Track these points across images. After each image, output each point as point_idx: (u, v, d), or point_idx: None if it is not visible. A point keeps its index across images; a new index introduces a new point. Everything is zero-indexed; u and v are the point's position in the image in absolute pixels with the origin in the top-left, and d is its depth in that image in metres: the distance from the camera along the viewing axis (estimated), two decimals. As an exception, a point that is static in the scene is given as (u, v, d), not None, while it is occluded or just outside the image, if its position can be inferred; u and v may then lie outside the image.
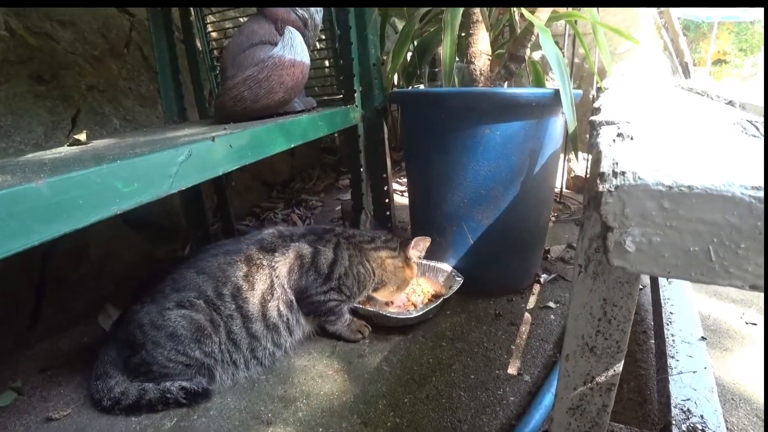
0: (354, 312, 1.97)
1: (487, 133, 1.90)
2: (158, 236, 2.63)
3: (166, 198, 2.69)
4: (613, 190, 0.64)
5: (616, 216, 0.65)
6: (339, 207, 3.39)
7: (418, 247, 1.97)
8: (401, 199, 3.56)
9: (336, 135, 4.68)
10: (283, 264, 1.77)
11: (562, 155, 3.33)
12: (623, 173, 0.65)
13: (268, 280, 1.72)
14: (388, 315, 1.88)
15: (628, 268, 0.67)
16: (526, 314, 2.03)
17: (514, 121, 1.88)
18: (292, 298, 1.77)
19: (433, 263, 2.22)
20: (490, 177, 1.95)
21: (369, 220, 2.11)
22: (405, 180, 4.11)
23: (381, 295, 2.01)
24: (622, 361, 0.96)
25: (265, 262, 1.74)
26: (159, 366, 1.54)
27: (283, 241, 1.83)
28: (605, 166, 0.68)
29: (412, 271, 2.02)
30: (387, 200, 2.58)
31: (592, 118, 1.11)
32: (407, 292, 2.16)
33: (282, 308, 1.74)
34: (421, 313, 1.88)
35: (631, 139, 0.87)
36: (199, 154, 1.09)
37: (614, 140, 0.86)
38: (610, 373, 0.96)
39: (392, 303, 2.09)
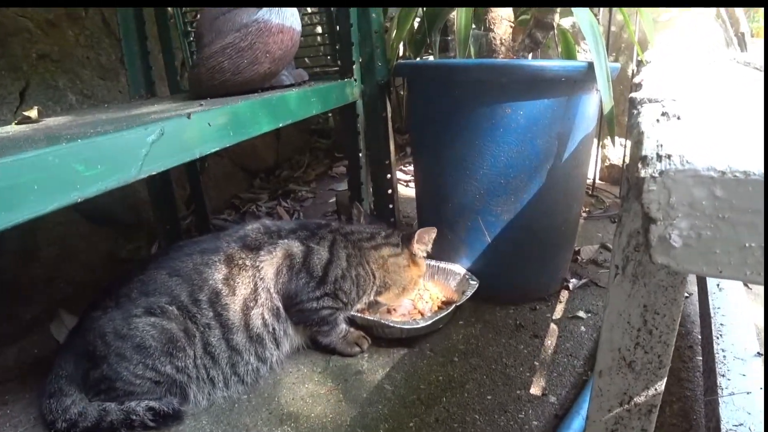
0: (351, 321, 1.98)
1: (508, 112, 1.91)
2: (121, 232, 2.64)
3: (131, 187, 2.70)
4: (657, 175, 0.65)
5: (660, 206, 0.65)
6: (333, 199, 3.41)
7: (423, 240, 1.98)
8: (406, 191, 3.58)
9: (330, 114, 4.69)
10: (270, 264, 1.78)
11: (595, 140, 3.34)
12: (669, 156, 0.65)
13: (252, 284, 1.74)
14: (391, 324, 1.90)
15: (673, 266, 0.67)
16: (552, 325, 2.05)
17: (540, 99, 1.89)
18: (279, 304, 1.78)
19: (443, 265, 2.24)
20: (512, 164, 1.96)
21: (363, 213, 2.12)
22: (411, 168, 4.16)
23: (385, 299, 2.03)
24: (665, 379, 0.97)
25: (248, 263, 1.75)
26: (123, 382, 1.55)
27: (270, 238, 1.84)
28: (648, 149, 0.68)
29: (420, 268, 2.04)
30: (390, 191, 2.59)
31: (633, 95, 1.12)
32: (413, 298, 2.18)
33: (267, 317, 1.75)
34: (429, 322, 1.90)
35: (678, 118, 0.88)
36: (173, 134, 1.10)
37: (658, 120, 0.87)
38: (651, 392, 0.97)
39: (395, 311, 2.10)
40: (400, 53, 3.27)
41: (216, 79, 1.73)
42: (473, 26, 2.20)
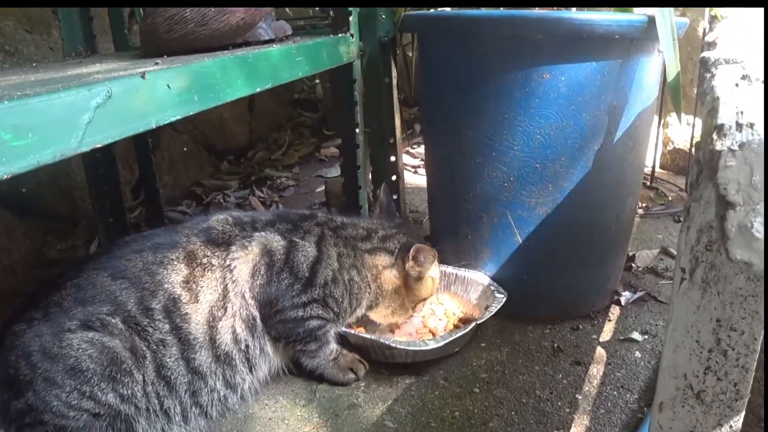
0: (343, 339, 1.99)
1: (545, 78, 1.91)
2: (50, 226, 2.64)
3: (63, 169, 2.71)
4: (736, 148, 0.66)
5: (740, 187, 0.66)
6: (322, 188, 3.42)
7: (419, 260, 1.99)
8: (415, 178, 3.59)
9: (317, 80, 4.70)
10: (244, 262, 1.80)
11: (655, 118, 3.35)
12: (751, 126, 0.66)
13: (220, 288, 1.75)
14: (394, 346, 1.91)
15: (756, 264, 0.68)
16: (599, 350, 2.05)
17: (586, 61, 1.90)
18: (256, 313, 1.80)
19: (462, 272, 2.24)
20: (550, 144, 1.97)
21: (386, 200, 2.15)
22: (421, 150, 4.15)
23: (376, 316, 2.04)
24: (742, 414, 0.98)
25: (215, 261, 1.77)
26: (53, 415, 1.55)
27: (242, 231, 1.86)
28: (725, 117, 0.69)
29: (418, 291, 2.04)
30: (394, 178, 2.60)
31: (705, 54, 1.13)
32: (423, 315, 2.19)
33: (240, 330, 1.77)
34: (442, 344, 1.91)
35: (761, 81, 0.89)
36: (123, 97, 1.10)
37: (737, 84, 0.88)
38: (724, 430, 0.98)
39: (399, 328, 2.12)
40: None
41: (176, 31, 1.74)
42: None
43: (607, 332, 2.15)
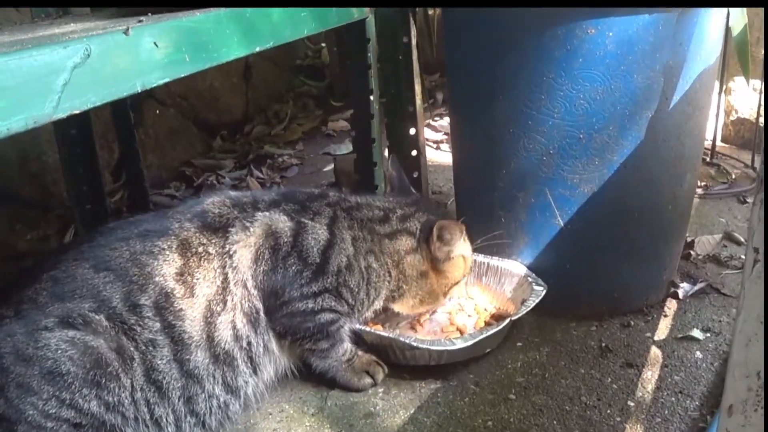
0: (358, 339, 1.99)
1: (590, 34, 1.90)
2: (19, 214, 2.65)
3: (33, 148, 2.72)
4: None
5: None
6: (330, 166, 3.42)
7: (444, 238, 1.99)
8: (438, 155, 3.58)
9: (323, 44, 4.69)
10: (245, 246, 1.80)
11: (717, 82, 3.33)
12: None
13: (219, 279, 1.75)
14: (417, 345, 1.91)
15: None
16: (654, 350, 2.05)
17: (637, 13, 1.88)
18: (260, 305, 1.80)
19: (495, 261, 2.24)
20: (595, 110, 1.96)
21: (397, 173, 2.15)
22: (445, 122, 4.11)
23: (399, 307, 2.04)
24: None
25: (212, 250, 1.77)
26: (29, 426, 1.56)
27: (243, 212, 1.86)
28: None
29: (448, 275, 2.04)
30: (415, 153, 2.60)
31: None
32: (450, 311, 2.19)
33: (241, 324, 1.77)
34: (471, 343, 1.91)
35: None
36: (104, 56, 1.10)
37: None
38: (805, 435, 0.98)
39: (422, 326, 2.12)
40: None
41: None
42: None
43: (662, 330, 2.14)
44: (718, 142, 3.52)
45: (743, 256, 2.40)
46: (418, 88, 2.52)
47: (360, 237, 1.93)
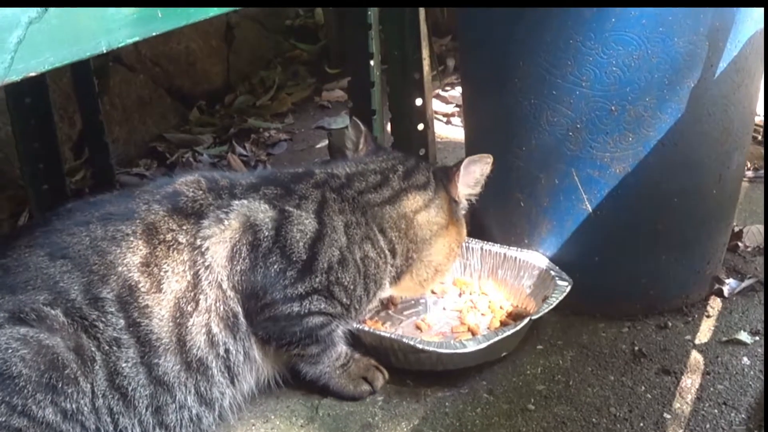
0: (354, 339, 1.99)
1: (624, -10, 1.90)
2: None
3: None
4: None
5: None
6: (324, 142, 3.41)
7: (471, 176, 2.01)
8: (448, 130, 3.57)
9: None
10: (220, 242, 1.79)
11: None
12: None
13: (189, 274, 1.75)
14: (421, 347, 1.90)
15: None
16: (695, 354, 2.05)
17: (679, -34, 1.88)
18: (238, 308, 1.80)
19: (512, 252, 2.24)
20: (630, 79, 1.95)
21: (364, 135, 2.13)
22: (456, 92, 4.06)
23: (402, 289, 2.06)
24: None
25: (182, 238, 1.76)
26: (-26, 436, 1.57)
27: (218, 198, 1.85)
28: None
29: (461, 229, 2.07)
30: (422, 127, 2.60)
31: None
32: (461, 308, 2.20)
33: (217, 329, 1.77)
34: (484, 345, 1.90)
35: None
36: (64, 11, 1.08)
37: None
38: None
39: (429, 326, 2.12)
40: None
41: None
42: None
43: (704, 332, 2.14)
44: (772, 118, 3.50)
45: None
46: (425, 53, 2.52)
47: (353, 222, 1.92)
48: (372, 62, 2.39)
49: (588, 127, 2.01)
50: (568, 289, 2.07)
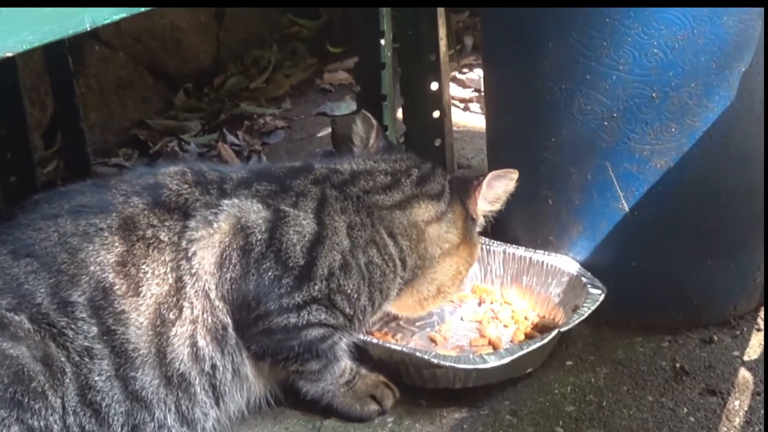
0: (360, 352, 2.00)
1: (668, -38, 1.90)
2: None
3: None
4: None
5: None
6: (327, 130, 3.39)
7: (493, 191, 2.00)
8: (466, 117, 3.58)
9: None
10: (208, 246, 1.79)
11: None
12: None
13: (171, 277, 1.75)
14: (436, 362, 1.90)
15: None
16: (743, 373, 2.05)
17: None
18: (227, 319, 1.80)
19: (539, 256, 2.24)
20: (673, 63, 1.95)
21: (375, 130, 2.13)
22: (475, 74, 4.03)
23: (400, 307, 2.06)
24: None
25: (164, 235, 1.77)
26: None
27: (205, 193, 1.85)
28: None
29: (474, 249, 2.07)
30: (437, 114, 2.61)
31: None
32: (480, 319, 2.20)
33: (203, 342, 1.77)
34: (507, 360, 1.91)
35: None
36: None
37: None
38: None
39: (445, 338, 2.13)
40: None
41: None
42: None
43: (754, 347, 2.14)
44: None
45: None
46: (442, 31, 2.52)
47: (357, 223, 1.92)
48: (382, 41, 2.39)
49: (625, 116, 2.02)
50: (602, 297, 2.07)
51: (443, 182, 2.03)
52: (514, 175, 1.99)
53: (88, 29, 1.19)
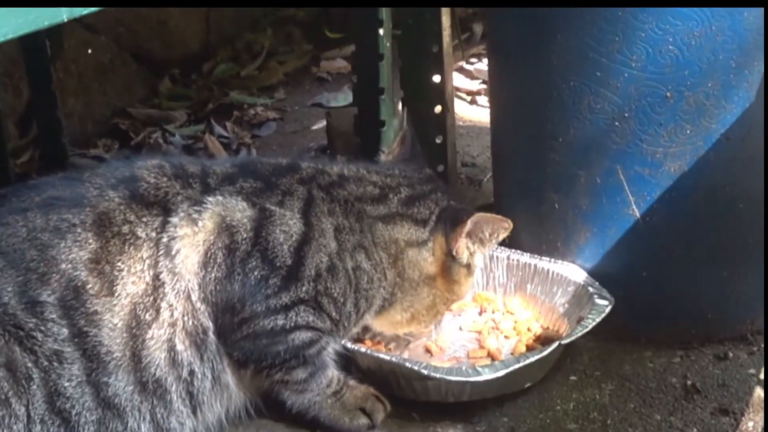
0: (346, 362, 2.01)
1: (685, -48, 1.91)
2: None
3: None
4: None
5: None
6: (322, 123, 3.38)
7: (479, 233, 2.00)
8: (471, 111, 3.59)
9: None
10: (192, 246, 1.80)
11: None
12: None
13: (148, 275, 1.77)
14: (426, 373, 1.91)
15: None
16: (759, 392, 2.05)
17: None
18: (208, 323, 1.82)
19: (544, 263, 2.26)
20: (689, 60, 1.97)
21: (408, 139, 2.15)
22: (482, 66, 4.06)
23: (380, 324, 2.07)
24: None
25: (141, 231, 1.78)
26: None
27: (186, 187, 1.87)
28: None
29: (458, 287, 2.07)
30: (439, 109, 2.62)
31: None
32: (480, 329, 2.21)
33: (182, 347, 1.79)
34: (502, 373, 1.91)
35: None
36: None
37: None
38: None
39: (441, 349, 2.15)
40: None
41: None
42: None
43: (773, 364, 2.14)
44: None
45: None
46: (446, 19, 2.53)
47: (345, 227, 1.94)
48: (381, 30, 2.40)
49: (638, 117, 2.03)
50: (608, 309, 2.08)
51: (432, 209, 2.03)
52: (507, 224, 1.99)
53: (65, 19, 1.19)
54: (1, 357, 1.63)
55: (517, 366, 1.92)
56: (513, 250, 2.28)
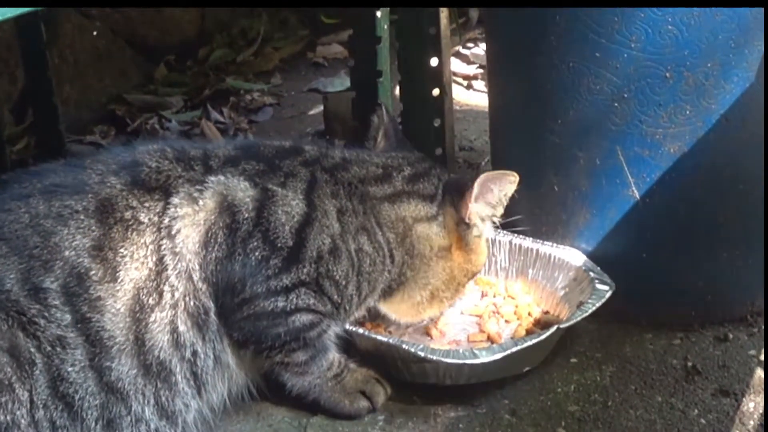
0: (347, 344, 2.01)
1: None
2: None
3: None
4: None
5: None
6: (319, 108, 3.38)
7: (488, 194, 2.01)
8: (469, 95, 3.59)
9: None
10: (193, 225, 1.81)
11: None
12: None
13: (151, 260, 1.77)
14: (423, 355, 1.91)
15: None
16: (759, 373, 2.06)
17: None
18: (210, 303, 1.82)
19: (544, 248, 2.27)
20: (688, 40, 1.97)
21: (387, 120, 2.15)
22: (480, 50, 4.04)
23: (391, 308, 2.07)
24: None
25: (143, 217, 1.78)
26: None
27: (189, 170, 1.87)
28: None
29: (474, 257, 2.07)
30: (437, 92, 2.61)
31: None
32: (481, 313, 2.22)
33: (184, 328, 1.79)
34: (501, 356, 1.91)
35: None
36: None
37: None
38: None
39: (441, 332, 2.16)
40: None
41: None
42: None
43: (774, 346, 2.14)
44: None
45: None
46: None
47: (348, 209, 1.94)
48: (378, 13, 2.41)
49: (637, 97, 2.04)
50: (609, 294, 2.08)
51: (437, 183, 2.04)
52: (513, 177, 1.97)
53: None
54: (5, 342, 1.64)
55: (514, 349, 1.91)
56: (515, 234, 2.27)
